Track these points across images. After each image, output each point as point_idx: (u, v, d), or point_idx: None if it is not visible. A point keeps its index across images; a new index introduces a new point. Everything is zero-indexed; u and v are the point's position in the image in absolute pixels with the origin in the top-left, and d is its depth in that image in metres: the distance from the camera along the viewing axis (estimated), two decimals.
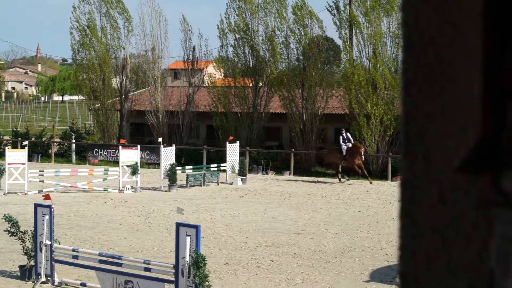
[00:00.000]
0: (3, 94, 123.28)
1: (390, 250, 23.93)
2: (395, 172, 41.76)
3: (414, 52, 0.95)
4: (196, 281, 16.78)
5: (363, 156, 38.84)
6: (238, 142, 41.66)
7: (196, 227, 17.41)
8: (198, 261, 16.70)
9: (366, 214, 31.39)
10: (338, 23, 46.89)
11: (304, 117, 47.60)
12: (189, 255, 17.03)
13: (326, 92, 47.53)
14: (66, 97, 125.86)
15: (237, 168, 39.97)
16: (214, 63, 57.17)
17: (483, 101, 0.86)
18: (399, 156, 42.63)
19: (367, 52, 45.94)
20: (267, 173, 44.32)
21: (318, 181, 42.69)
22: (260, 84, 50.30)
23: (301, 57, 48.89)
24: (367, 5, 45.24)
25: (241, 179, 39.66)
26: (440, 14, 0.93)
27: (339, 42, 49.58)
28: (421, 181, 0.94)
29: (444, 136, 0.92)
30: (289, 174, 44.11)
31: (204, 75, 57.61)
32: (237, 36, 50.85)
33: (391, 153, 42.72)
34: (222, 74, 55.73)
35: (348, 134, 39.56)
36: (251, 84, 50.57)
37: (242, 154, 41.62)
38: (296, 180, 42.36)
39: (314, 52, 48.05)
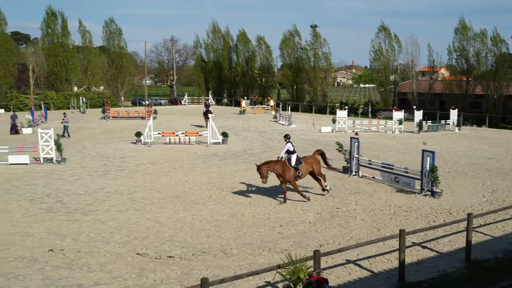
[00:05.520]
0: None
1: None
2: None
3: None
4: (431, 179, 16.68)
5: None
6: (456, 109, 40.35)
7: (433, 152, 16.82)
8: (433, 169, 16.53)
9: None
10: None
11: (495, 96, 46.73)
12: (428, 166, 16.69)
13: (508, 83, 46.20)
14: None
15: (455, 123, 39.01)
16: (444, 68, 56.02)
17: None
18: None
19: None
20: (472, 126, 42.91)
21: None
22: (470, 79, 49.07)
23: (494, 64, 47.46)
24: None
25: (458, 128, 38.70)
26: None
27: None
28: None
29: None
30: (485, 127, 42.43)
31: (438, 74, 56.88)
32: (457, 53, 49.86)
33: None
34: (449, 73, 53.91)
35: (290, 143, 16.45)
36: (465, 79, 49.50)
37: (459, 116, 39.75)
38: (487, 130, 40.29)
39: (503, 61, 46.74)
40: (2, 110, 55.98)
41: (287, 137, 16.79)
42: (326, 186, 17.32)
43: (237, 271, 10.40)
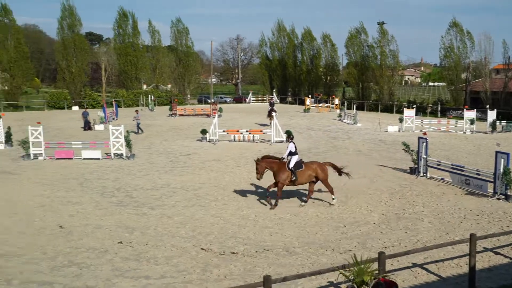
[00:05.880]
0: None
1: None
2: None
3: None
4: (505, 182, 16.31)
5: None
6: None
7: (507, 154, 16.37)
8: (506, 171, 16.18)
9: None
10: None
11: None
12: (502, 168, 16.31)
13: None
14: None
15: None
16: None
17: None
18: None
19: None
20: None
21: None
22: None
23: None
24: None
25: None
26: None
27: None
28: None
29: None
30: None
31: None
32: None
33: None
34: None
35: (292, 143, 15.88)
36: None
37: None
38: None
39: None
40: (77, 107, 58.80)
41: (289, 137, 16.36)
42: (333, 199, 15.96)
43: (300, 270, 10.40)
